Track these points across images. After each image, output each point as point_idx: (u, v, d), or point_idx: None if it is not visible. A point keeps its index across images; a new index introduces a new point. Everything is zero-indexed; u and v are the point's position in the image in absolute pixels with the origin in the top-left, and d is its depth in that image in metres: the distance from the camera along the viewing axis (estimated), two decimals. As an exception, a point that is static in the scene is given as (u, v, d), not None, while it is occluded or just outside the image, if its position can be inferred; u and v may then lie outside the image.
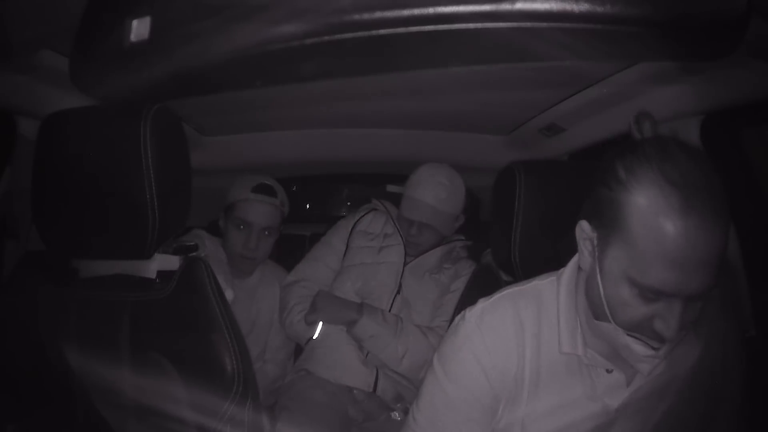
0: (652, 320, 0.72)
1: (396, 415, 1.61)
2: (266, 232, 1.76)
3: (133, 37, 0.64)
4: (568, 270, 0.88)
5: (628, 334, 0.74)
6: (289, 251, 2.27)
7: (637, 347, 0.74)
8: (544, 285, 0.90)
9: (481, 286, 1.28)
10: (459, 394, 0.85)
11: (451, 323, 0.94)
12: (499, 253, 1.22)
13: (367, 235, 1.79)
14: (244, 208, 1.73)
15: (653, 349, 0.73)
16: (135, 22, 0.64)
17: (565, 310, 0.85)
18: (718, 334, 0.84)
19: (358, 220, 1.83)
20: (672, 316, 0.70)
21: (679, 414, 0.82)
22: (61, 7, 0.83)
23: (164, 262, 1.04)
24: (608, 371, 0.83)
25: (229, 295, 1.06)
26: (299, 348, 1.82)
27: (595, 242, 0.76)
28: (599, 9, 0.55)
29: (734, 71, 1.03)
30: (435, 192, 1.65)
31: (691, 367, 0.82)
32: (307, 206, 3.25)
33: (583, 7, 0.54)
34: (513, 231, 1.12)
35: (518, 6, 0.54)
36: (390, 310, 1.66)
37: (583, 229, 0.79)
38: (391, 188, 2.91)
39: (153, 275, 1.03)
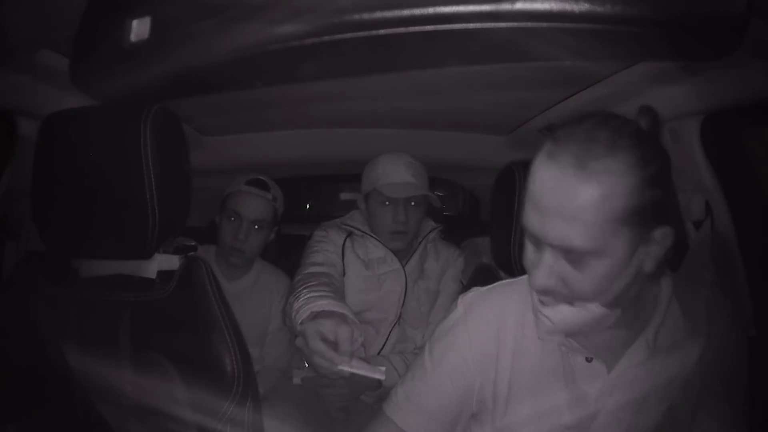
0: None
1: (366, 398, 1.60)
2: (256, 226, 1.76)
3: (133, 37, 0.64)
4: None
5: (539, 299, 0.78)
6: (289, 251, 2.27)
7: (537, 303, 0.78)
8: None
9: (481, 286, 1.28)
10: (435, 371, 0.89)
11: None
12: (499, 253, 1.22)
13: (360, 261, 1.65)
14: (236, 199, 1.77)
15: (543, 304, 0.76)
16: (135, 22, 0.64)
17: None
18: (719, 338, 0.84)
19: (345, 241, 1.67)
20: (541, 263, 0.72)
21: (672, 414, 0.82)
22: (61, 7, 0.83)
23: (164, 262, 1.04)
24: (588, 360, 0.84)
25: None
26: None
27: None
28: (599, 9, 0.55)
29: (734, 71, 1.03)
30: (410, 170, 1.61)
31: (686, 371, 0.82)
32: (307, 206, 3.26)
33: (583, 7, 0.54)
34: (513, 231, 1.12)
35: (518, 6, 0.54)
36: (386, 341, 1.63)
37: None
38: (345, 196, 2.89)
39: (153, 275, 1.03)
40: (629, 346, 0.82)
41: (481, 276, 1.34)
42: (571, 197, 0.68)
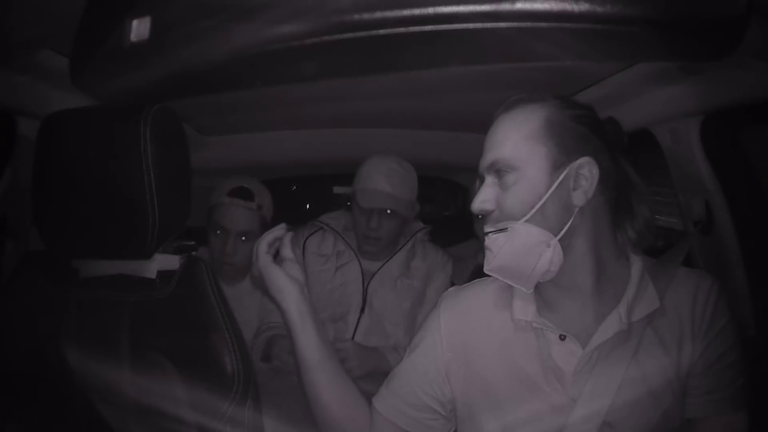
0: None
1: None
2: (243, 238, 1.70)
3: (133, 37, 0.64)
4: None
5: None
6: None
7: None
8: None
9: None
10: (409, 356, 0.96)
11: None
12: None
13: (320, 258, 1.70)
14: (220, 212, 1.70)
15: (486, 238, 0.85)
16: (135, 22, 0.64)
17: None
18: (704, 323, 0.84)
19: (307, 239, 1.72)
20: (480, 189, 0.86)
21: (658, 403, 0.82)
22: (61, 7, 0.83)
23: (164, 262, 1.03)
24: (561, 339, 0.84)
25: None
26: None
27: None
28: (599, 9, 0.55)
29: (734, 71, 1.03)
30: (389, 179, 1.60)
31: (669, 356, 0.82)
32: (307, 206, 3.26)
33: (583, 7, 0.54)
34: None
35: (518, 6, 0.54)
36: (355, 332, 1.63)
37: None
38: (338, 190, 2.89)
39: (153, 275, 1.03)
40: (602, 322, 0.83)
41: (480, 276, 1.34)
42: (498, 127, 0.87)
